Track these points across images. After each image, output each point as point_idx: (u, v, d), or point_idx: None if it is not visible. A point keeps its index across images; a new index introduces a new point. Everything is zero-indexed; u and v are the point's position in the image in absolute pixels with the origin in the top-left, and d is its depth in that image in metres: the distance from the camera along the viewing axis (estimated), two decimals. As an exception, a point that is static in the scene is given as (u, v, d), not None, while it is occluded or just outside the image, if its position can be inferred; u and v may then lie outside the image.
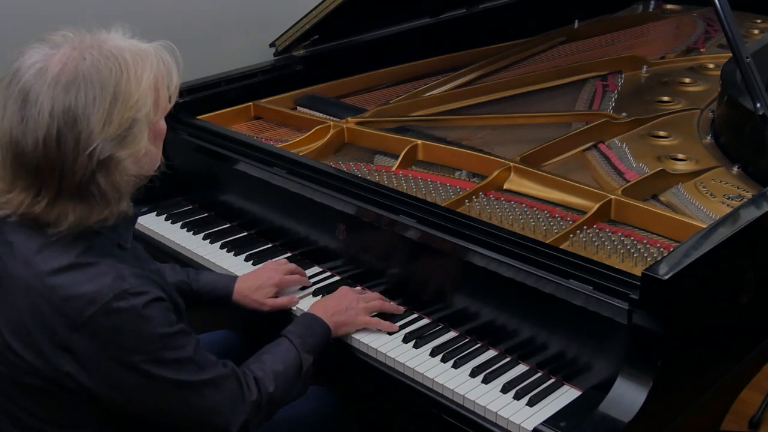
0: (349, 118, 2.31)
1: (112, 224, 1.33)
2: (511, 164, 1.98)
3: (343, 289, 1.76)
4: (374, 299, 1.74)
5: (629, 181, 1.93)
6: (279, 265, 1.87)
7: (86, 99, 1.22)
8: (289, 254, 2.03)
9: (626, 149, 2.13)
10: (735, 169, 2.00)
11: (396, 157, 2.11)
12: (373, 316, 1.72)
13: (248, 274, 1.86)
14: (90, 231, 1.31)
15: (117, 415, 1.37)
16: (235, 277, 1.84)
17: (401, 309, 1.76)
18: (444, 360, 1.62)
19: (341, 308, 1.67)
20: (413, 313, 1.77)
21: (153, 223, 2.22)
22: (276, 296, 1.80)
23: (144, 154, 1.31)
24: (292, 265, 1.89)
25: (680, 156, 2.11)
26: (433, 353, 1.64)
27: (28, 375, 1.31)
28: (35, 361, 1.29)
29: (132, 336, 1.27)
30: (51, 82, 1.23)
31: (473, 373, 1.57)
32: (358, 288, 1.80)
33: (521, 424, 1.44)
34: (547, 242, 1.62)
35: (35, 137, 1.22)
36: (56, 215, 1.27)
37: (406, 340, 1.68)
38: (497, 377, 1.56)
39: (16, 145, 1.24)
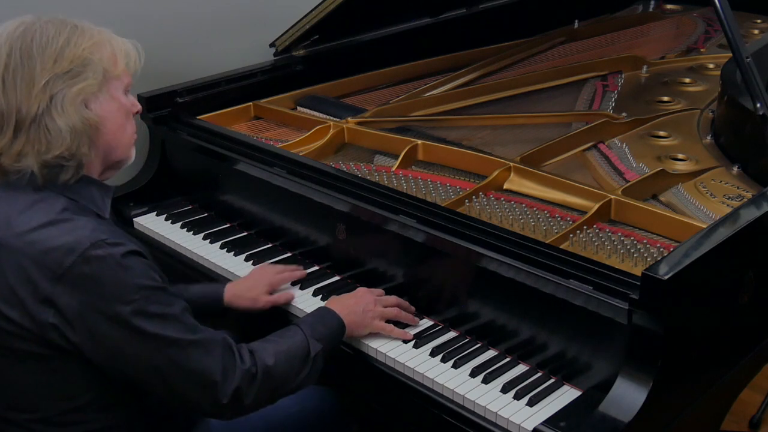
0: (349, 118, 2.31)
1: (84, 189, 1.39)
2: (511, 164, 1.98)
3: (362, 290, 1.75)
4: (392, 305, 1.72)
5: (629, 181, 1.93)
6: (267, 267, 1.90)
7: (41, 40, 1.33)
8: (289, 254, 2.03)
9: (626, 149, 2.13)
10: (735, 169, 2.00)
11: (396, 157, 2.11)
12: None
13: (238, 280, 1.88)
14: (66, 192, 1.37)
15: (111, 387, 1.38)
16: (223, 284, 1.85)
17: (417, 320, 1.73)
18: (444, 360, 1.62)
19: (358, 309, 1.67)
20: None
21: (153, 223, 2.22)
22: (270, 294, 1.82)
23: (98, 99, 1.37)
24: (280, 266, 1.90)
25: (680, 156, 2.11)
26: (433, 353, 1.63)
27: (18, 339, 1.33)
28: (22, 320, 1.31)
29: (112, 285, 1.29)
30: (11, 31, 1.35)
31: (473, 373, 1.57)
32: (377, 290, 1.77)
33: (521, 424, 1.44)
34: (547, 242, 1.62)
35: None
36: (17, 152, 1.33)
37: (405, 340, 1.68)
38: (497, 377, 1.56)
39: None
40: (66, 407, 1.38)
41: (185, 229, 2.18)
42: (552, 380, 1.55)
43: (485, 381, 1.55)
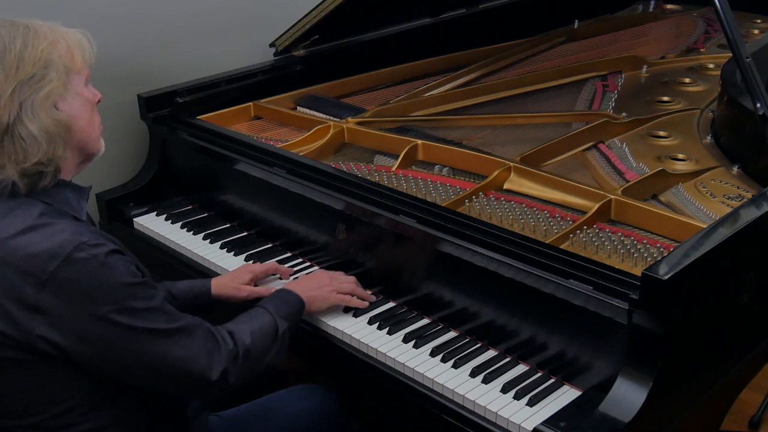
0: (349, 118, 2.31)
1: (60, 192, 1.38)
2: (511, 164, 1.98)
3: (318, 271, 1.84)
4: (348, 282, 1.79)
5: (629, 181, 1.93)
6: (252, 264, 1.95)
7: None
8: (289, 254, 2.03)
9: (626, 149, 2.13)
10: (735, 169, 2.00)
11: (396, 157, 2.12)
12: None
13: (223, 274, 1.93)
14: (41, 196, 1.36)
15: (99, 387, 1.38)
16: (210, 278, 1.88)
17: (372, 298, 1.80)
18: (444, 360, 1.62)
19: (314, 285, 1.74)
20: (413, 312, 1.77)
21: (153, 223, 2.23)
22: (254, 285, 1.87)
23: (65, 99, 1.36)
24: (268, 262, 1.95)
25: (680, 156, 2.11)
26: (433, 353, 1.64)
27: (4, 348, 1.32)
28: (7, 329, 1.31)
29: (97, 285, 1.30)
30: None
31: (473, 373, 1.57)
32: (335, 272, 1.84)
33: (521, 424, 1.44)
34: (547, 242, 1.62)
35: None
36: None
37: (406, 340, 1.68)
38: (497, 377, 1.56)
39: None
40: (55, 411, 1.38)
41: (185, 229, 2.18)
42: (552, 380, 1.55)
43: (485, 381, 1.55)
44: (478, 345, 1.66)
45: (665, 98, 2.51)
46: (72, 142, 1.39)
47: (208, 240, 2.12)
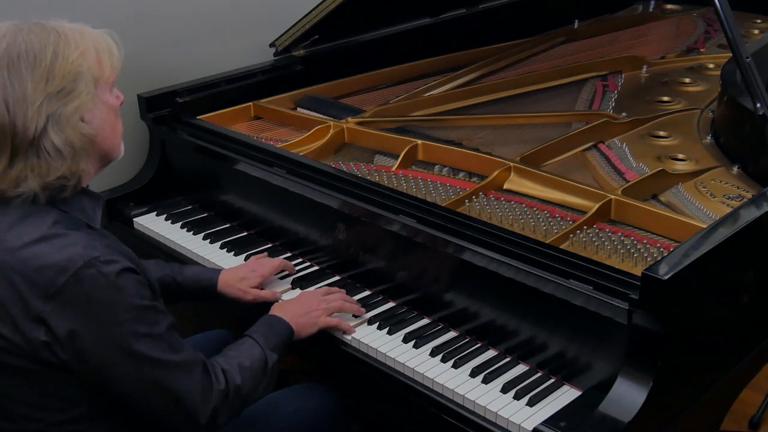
0: (349, 118, 2.31)
1: (76, 200, 1.36)
2: (511, 164, 1.98)
3: (305, 293, 1.78)
4: (336, 300, 1.74)
5: (629, 181, 1.93)
6: (263, 258, 1.91)
7: (28, 57, 1.29)
8: (289, 254, 2.03)
9: (626, 149, 2.13)
10: (735, 169, 2.00)
11: (396, 157, 2.11)
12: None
13: (233, 267, 1.89)
14: (57, 204, 1.34)
15: (103, 397, 1.37)
16: (219, 270, 1.86)
17: (363, 310, 1.76)
18: (444, 360, 1.62)
19: (302, 311, 1.69)
20: (413, 312, 1.77)
21: (153, 223, 2.23)
22: (261, 288, 1.84)
23: (92, 110, 1.34)
24: (276, 260, 1.92)
25: (680, 156, 2.11)
26: (433, 353, 1.63)
27: (10, 355, 1.32)
28: (13, 337, 1.30)
29: (105, 305, 1.29)
30: None
31: (473, 373, 1.57)
32: (323, 289, 1.81)
33: (521, 424, 1.44)
34: (547, 242, 1.62)
35: None
36: (15, 177, 1.31)
37: (406, 340, 1.68)
38: (497, 377, 1.56)
39: None
40: (59, 419, 1.37)
41: (185, 229, 2.18)
42: (552, 380, 1.55)
43: (485, 381, 1.55)
44: (478, 345, 1.66)
45: (665, 98, 2.51)
46: (95, 152, 1.38)
47: (208, 240, 2.12)
